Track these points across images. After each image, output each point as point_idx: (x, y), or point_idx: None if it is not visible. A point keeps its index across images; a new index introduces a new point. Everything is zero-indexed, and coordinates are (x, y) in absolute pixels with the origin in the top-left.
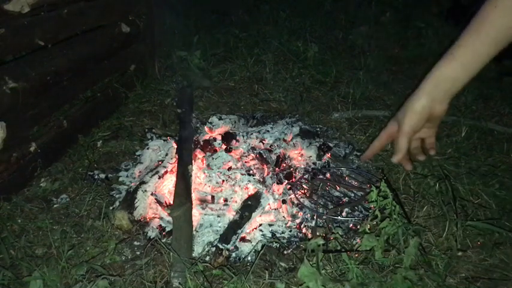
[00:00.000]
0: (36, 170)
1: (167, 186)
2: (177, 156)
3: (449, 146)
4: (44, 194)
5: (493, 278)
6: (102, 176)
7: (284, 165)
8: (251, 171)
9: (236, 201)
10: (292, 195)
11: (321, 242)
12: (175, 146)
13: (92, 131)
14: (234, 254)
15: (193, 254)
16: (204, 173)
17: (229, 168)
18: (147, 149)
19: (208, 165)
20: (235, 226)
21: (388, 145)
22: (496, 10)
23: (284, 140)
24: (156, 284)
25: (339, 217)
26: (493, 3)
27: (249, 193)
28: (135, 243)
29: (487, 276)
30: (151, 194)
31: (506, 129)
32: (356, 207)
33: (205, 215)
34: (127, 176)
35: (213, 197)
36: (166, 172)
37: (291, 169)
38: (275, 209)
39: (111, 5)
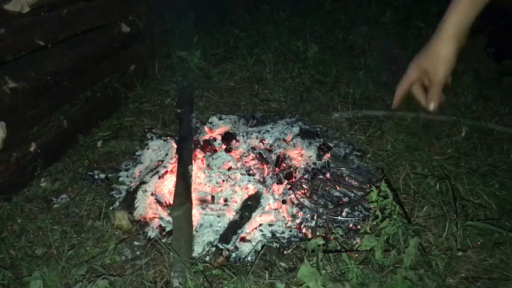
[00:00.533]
0: (36, 170)
1: (167, 186)
2: (177, 156)
3: (449, 146)
4: (44, 194)
5: (493, 278)
6: (102, 176)
7: (284, 165)
8: (251, 171)
9: (236, 201)
10: (292, 195)
11: (321, 242)
12: (175, 146)
13: (92, 131)
14: (234, 254)
15: (193, 254)
16: (204, 173)
17: (229, 168)
18: (147, 149)
19: (208, 165)
20: (235, 226)
21: (387, 145)
22: None
23: (284, 140)
24: (156, 284)
25: (339, 217)
26: None
27: (249, 193)
28: (135, 243)
29: (487, 276)
30: (152, 194)
31: (506, 129)
32: (356, 207)
33: (205, 215)
34: (127, 176)
35: (213, 197)
36: (166, 172)
37: (291, 169)
38: (275, 209)
39: (111, 5)
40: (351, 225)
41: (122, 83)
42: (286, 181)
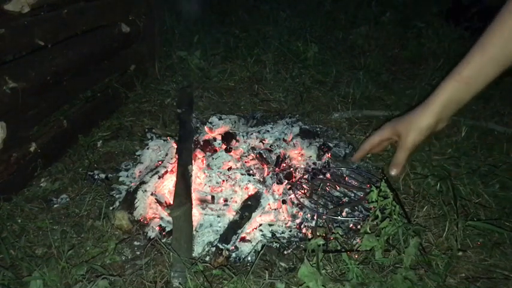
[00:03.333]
0: (36, 170)
1: (167, 186)
2: (177, 156)
3: (449, 146)
4: (44, 194)
5: (493, 278)
6: (102, 176)
7: (284, 165)
8: (251, 171)
9: (236, 201)
10: (292, 195)
11: (321, 242)
12: (175, 146)
13: (92, 131)
14: (234, 254)
15: (193, 254)
16: (204, 173)
17: (229, 168)
18: (147, 149)
19: (208, 165)
20: (235, 226)
21: (388, 145)
22: (498, 33)
23: (284, 140)
24: (156, 284)
25: (339, 217)
26: (496, 26)
27: (249, 193)
28: (135, 243)
29: (487, 276)
30: (152, 194)
31: (506, 129)
32: (356, 207)
33: (205, 215)
34: (127, 176)
35: (213, 197)
36: (166, 172)
37: (291, 169)
38: (275, 209)
39: (111, 5)
40: (351, 225)
41: (122, 83)
42: (286, 181)
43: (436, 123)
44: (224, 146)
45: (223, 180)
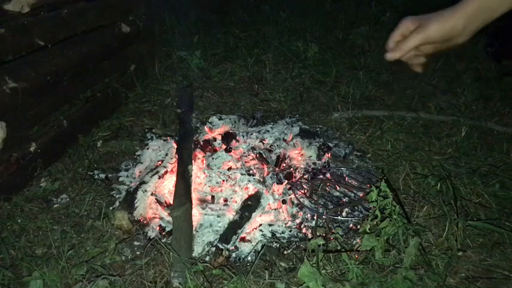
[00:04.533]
0: (36, 170)
1: (167, 186)
2: (177, 156)
3: (449, 146)
4: (44, 194)
5: (493, 278)
6: (102, 176)
7: (284, 165)
8: (251, 171)
9: (236, 201)
10: (292, 195)
11: (321, 242)
12: (175, 146)
13: (92, 131)
14: (234, 254)
15: (193, 254)
16: (204, 173)
17: (229, 168)
18: (147, 149)
19: (208, 165)
20: (235, 226)
21: (387, 145)
22: None
23: (284, 140)
24: (156, 284)
25: (339, 217)
26: None
27: (249, 193)
28: (135, 243)
29: (487, 276)
30: (151, 194)
31: (506, 129)
32: (356, 207)
33: (205, 215)
34: (127, 176)
35: (213, 197)
36: (166, 172)
37: (291, 169)
38: (275, 209)
39: (111, 5)
40: (351, 225)
41: (122, 83)
42: (286, 181)
43: (461, 29)
44: (224, 146)
45: (223, 180)
